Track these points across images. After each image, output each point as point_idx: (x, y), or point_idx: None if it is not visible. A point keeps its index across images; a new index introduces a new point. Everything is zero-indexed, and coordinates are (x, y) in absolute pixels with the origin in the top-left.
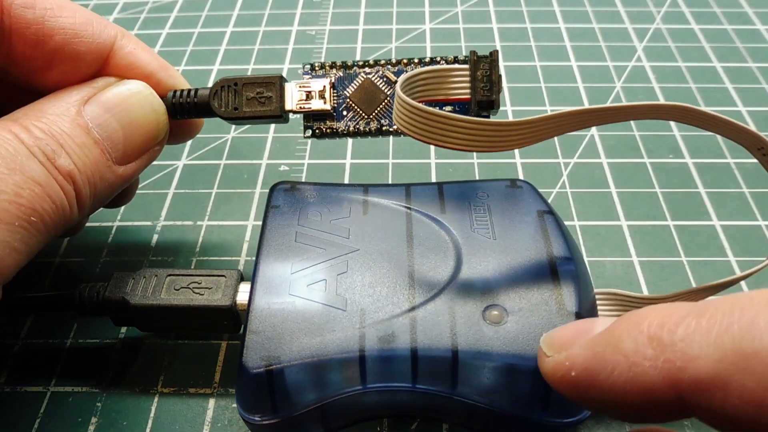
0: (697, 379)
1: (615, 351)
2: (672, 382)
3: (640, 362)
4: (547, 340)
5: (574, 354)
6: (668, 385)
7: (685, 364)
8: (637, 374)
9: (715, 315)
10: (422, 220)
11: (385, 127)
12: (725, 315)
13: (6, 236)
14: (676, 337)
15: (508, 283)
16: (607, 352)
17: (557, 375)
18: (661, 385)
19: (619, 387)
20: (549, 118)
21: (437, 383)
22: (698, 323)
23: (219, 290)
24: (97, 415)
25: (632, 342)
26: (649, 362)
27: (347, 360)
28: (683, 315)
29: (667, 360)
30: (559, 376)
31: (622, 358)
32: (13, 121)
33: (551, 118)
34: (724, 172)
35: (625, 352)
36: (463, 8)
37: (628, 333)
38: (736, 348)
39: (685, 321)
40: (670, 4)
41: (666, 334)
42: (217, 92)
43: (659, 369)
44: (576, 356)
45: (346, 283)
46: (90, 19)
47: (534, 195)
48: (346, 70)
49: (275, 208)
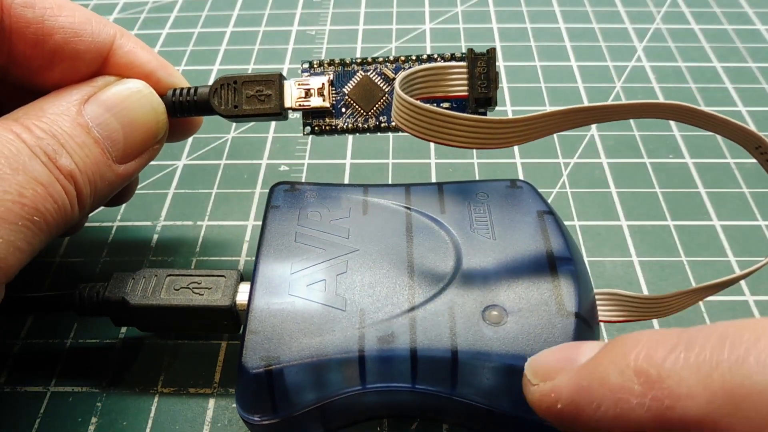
0: (685, 419)
1: (601, 385)
2: (660, 421)
3: (627, 399)
4: (532, 367)
5: (560, 385)
6: (656, 424)
7: (674, 403)
8: (624, 411)
9: (704, 348)
10: (422, 220)
11: (383, 123)
12: (714, 349)
13: (10, 235)
14: (664, 373)
15: (508, 283)
16: (594, 386)
17: (543, 406)
18: (649, 423)
19: (606, 422)
20: (546, 115)
21: (437, 383)
22: (686, 357)
23: (219, 290)
24: (97, 415)
25: (619, 375)
26: (636, 399)
27: (347, 360)
28: (671, 346)
29: (655, 398)
30: (545, 407)
31: (608, 392)
32: (14, 121)
33: (548, 115)
34: (724, 172)
35: (612, 386)
36: (463, 8)
37: (615, 365)
38: (726, 388)
39: (673, 354)
40: (670, 4)
41: (653, 369)
42: (216, 90)
43: (646, 407)
44: (561, 388)
45: (346, 284)
46: (89, 19)
47: (534, 195)
48: (344, 67)
49: (275, 208)
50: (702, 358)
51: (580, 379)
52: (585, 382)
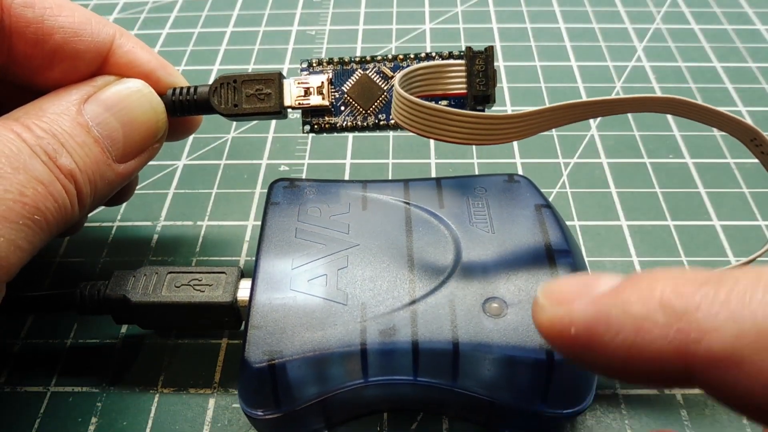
0: (710, 354)
1: (622, 312)
2: (682, 353)
3: (650, 329)
4: (545, 292)
5: (576, 310)
6: (678, 357)
7: (700, 336)
8: (644, 341)
9: (736, 286)
10: (421, 214)
11: (382, 121)
12: (747, 288)
13: (11, 234)
14: (692, 306)
15: (508, 275)
16: (613, 313)
17: (554, 330)
18: (670, 355)
19: (623, 352)
20: (543, 111)
21: (438, 376)
22: (716, 293)
23: (220, 287)
24: (97, 415)
25: (642, 305)
26: (659, 330)
27: (349, 354)
28: (701, 282)
29: (680, 330)
30: (556, 331)
31: (629, 320)
32: (14, 120)
33: (545, 111)
34: (724, 172)
35: (634, 315)
36: (463, 8)
37: (639, 295)
38: (758, 325)
39: (702, 289)
40: (670, 4)
41: (681, 301)
42: (216, 89)
43: (670, 339)
44: (578, 312)
45: (347, 278)
46: (89, 18)
47: (532, 189)
48: (343, 66)
49: (275, 204)
50: (734, 295)
51: (600, 305)
52: (605, 307)
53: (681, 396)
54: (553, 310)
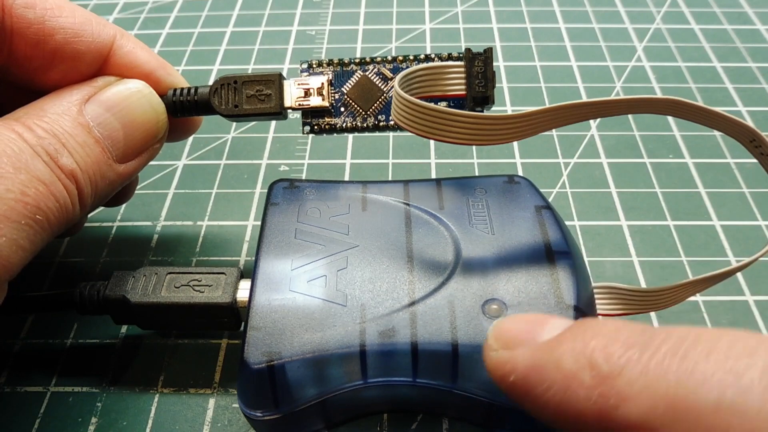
0: (626, 421)
1: (555, 368)
2: (603, 417)
3: (576, 388)
4: (495, 332)
5: (517, 358)
6: (599, 419)
7: (619, 402)
8: (571, 399)
9: (658, 352)
10: (421, 215)
11: (382, 122)
12: (667, 356)
13: (13, 234)
14: (615, 371)
15: (507, 277)
16: (548, 368)
17: (497, 374)
18: (592, 417)
19: (553, 406)
20: (542, 111)
21: (438, 377)
22: (639, 358)
23: (219, 288)
24: (97, 415)
25: (574, 362)
26: (585, 391)
27: (348, 355)
28: (630, 344)
29: (602, 394)
30: (499, 375)
31: (560, 377)
32: (15, 120)
33: (544, 111)
34: (724, 172)
35: (565, 372)
36: (463, 8)
37: (573, 351)
38: (669, 399)
39: (628, 352)
40: (670, 4)
41: (606, 364)
42: (217, 90)
43: (593, 401)
44: (518, 361)
45: (346, 279)
46: (89, 19)
47: (532, 190)
48: (343, 67)
49: (274, 205)
50: (653, 363)
51: (537, 357)
52: (541, 361)
53: None
54: (498, 354)
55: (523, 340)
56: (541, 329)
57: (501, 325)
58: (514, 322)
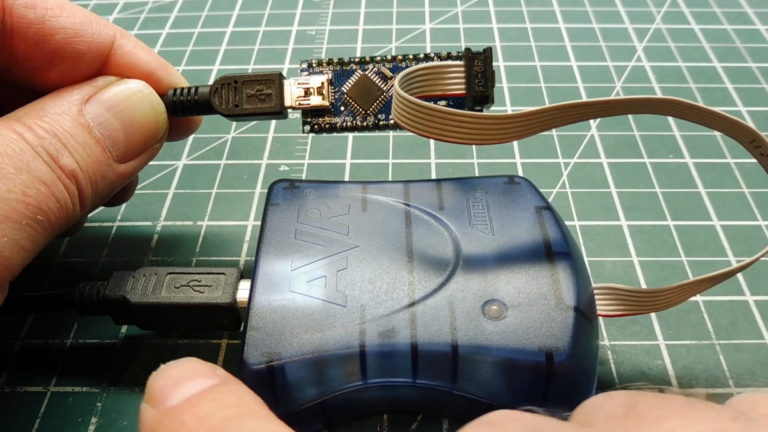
0: None
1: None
2: None
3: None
4: (148, 382)
5: (144, 419)
6: None
7: None
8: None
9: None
10: (421, 216)
11: (382, 121)
12: None
13: (14, 234)
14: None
15: (507, 278)
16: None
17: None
18: None
19: None
20: (542, 111)
21: (437, 378)
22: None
23: (219, 288)
24: (97, 415)
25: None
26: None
27: (348, 355)
28: None
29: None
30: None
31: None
32: (16, 121)
33: (544, 111)
34: (724, 172)
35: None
36: (463, 8)
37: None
38: None
39: None
40: (670, 4)
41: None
42: (217, 90)
43: None
44: (144, 422)
45: (346, 280)
46: (89, 19)
47: (532, 191)
48: (342, 66)
49: (274, 205)
50: None
51: (157, 422)
52: (156, 427)
53: None
54: (142, 407)
55: (157, 399)
56: (173, 390)
57: (152, 377)
58: (158, 377)
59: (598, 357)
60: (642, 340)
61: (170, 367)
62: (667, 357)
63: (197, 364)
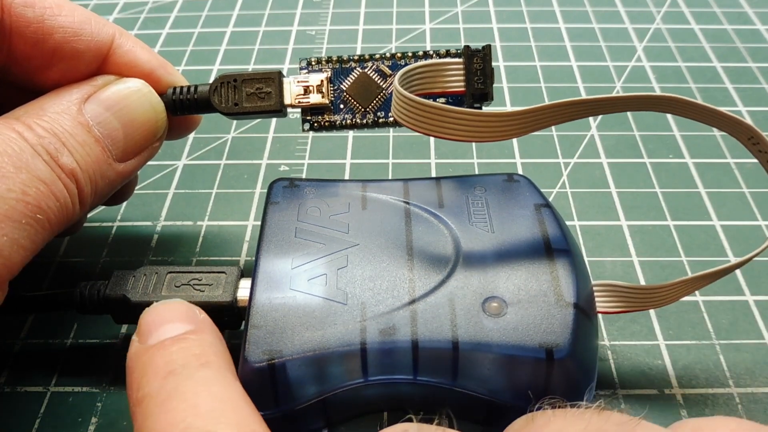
0: None
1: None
2: None
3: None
4: (142, 316)
5: (130, 349)
6: None
7: None
8: None
9: None
10: (421, 214)
11: (381, 119)
12: None
13: (14, 233)
14: None
15: (507, 275)
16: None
17: None
18: None
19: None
20: (541, 108)
21: (438, 375)
22: None
23: (219, 287)
24: (97, 415)
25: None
26: None
27: (348, 353)
28: None
29: None
30: None
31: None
32: (15, 119)
33: (543, 108)
34: (724, 172)
35: (130, 379)
36: (463, 8)
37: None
38: None
39: None
40: (670, 4)
41: None
42: (216, 88)
43: None
44: (129, 354)
45: (347, 277)
46: (88, 18)
47: (531, 189)
48: (342, 64)
49: (275, 204)
50: None
51: (135, 357)
52: (132, 361)
53: (681, 396)
54: (132, 338)
55: (142, 334)
56: (156, 329)
57: (143, 313)
58: (147, 314)
59: (597, 353)
60: (642, 339)
61: (158, 306)
62: (667, 357)
63: (181, 306)
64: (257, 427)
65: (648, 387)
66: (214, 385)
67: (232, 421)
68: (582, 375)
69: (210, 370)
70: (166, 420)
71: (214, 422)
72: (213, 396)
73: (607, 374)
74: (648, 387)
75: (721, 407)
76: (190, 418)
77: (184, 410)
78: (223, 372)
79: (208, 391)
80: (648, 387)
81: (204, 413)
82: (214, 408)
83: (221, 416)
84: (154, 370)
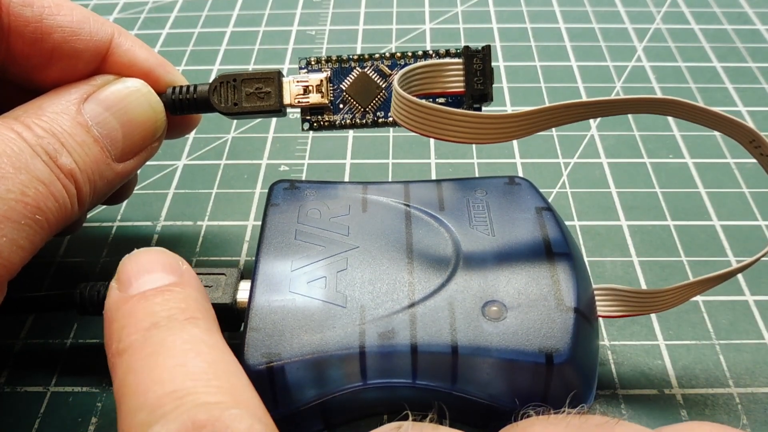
0: None
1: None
2: None
3: None
4: (121, 263)
5: (110, 297)
6: None
7: None
8: None
9: None
10: (421, 217)
11: (381, 119)
12: None
13: (13, 234)
14: None
15: (507, 278)
16: (111, 320)
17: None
18: None
19: None
20: (541, 110)
21: (437, 379)
22: None
23: (219, 288)
24: (97, 415)
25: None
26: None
27: (347, 356)
28: None
29: None
30: None
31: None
32: (14, 119)
33: (543, 110)
34: (724, 172)
35: (108, 333)
36: (463, 8)
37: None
38: None
39: None
40: (670, 4)
41: None
42: (216, 88)
43: None
44: (108, 300)
45: (346, 280)
46: (87, 17)
47: (532, 192)
48: (341, 64)
49: (275, 206)
50: None
51: (114, 306)
52: (110, 311)
53: (681, 396)
54: (111, 284)
55: (122, 282)
56: (137, 278)
57: (123, 260)
58: (127, 262)
59: (598, 358)
60: (642, 340)
61: (139, 254)
62: (667, 357)
63: (163, 256)
64: (249, 393)
65: (648, 387)
66: (202, 345)
67: (224, 387)
68: (582, 380)
69: (197, 329)
70: (151, 377)
71: (204, 385)
72: (202, 357)
73: (606, 374)
74: (648, 387)
75: (721, 407)
76: (179, 378)
77: (171, 368)
78: (210, 332)
79: (197, 350)
80: (648, 387)
81: (192, 374)
82: (203, 370)
83: (213, 379)
84: (136, 321)
